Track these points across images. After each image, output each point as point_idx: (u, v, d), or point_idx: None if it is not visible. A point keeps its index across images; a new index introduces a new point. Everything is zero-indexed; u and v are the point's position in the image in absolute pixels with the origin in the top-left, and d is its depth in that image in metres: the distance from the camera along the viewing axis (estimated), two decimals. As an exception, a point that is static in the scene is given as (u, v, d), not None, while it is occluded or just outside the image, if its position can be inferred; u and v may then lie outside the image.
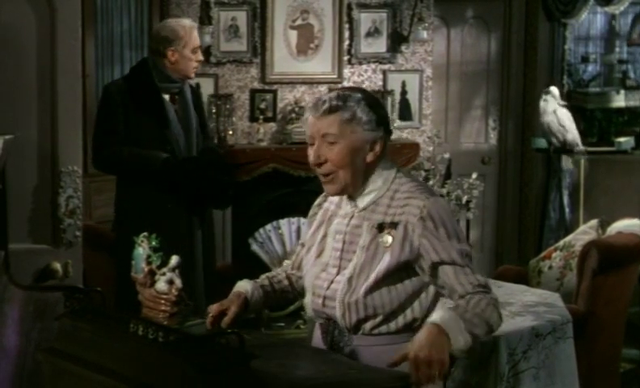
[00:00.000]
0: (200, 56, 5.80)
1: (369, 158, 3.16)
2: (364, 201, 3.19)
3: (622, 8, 8.67)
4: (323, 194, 3.39)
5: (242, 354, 2.40)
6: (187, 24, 5.74)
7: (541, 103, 8.20)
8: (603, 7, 8.84)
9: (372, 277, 3.06)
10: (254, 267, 6.98)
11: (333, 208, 3.32)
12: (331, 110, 3.12)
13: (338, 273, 3.17)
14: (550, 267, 5.96)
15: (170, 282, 3.12)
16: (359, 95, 3.17)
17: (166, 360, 2.38)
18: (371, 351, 3.01)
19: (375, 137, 3.15)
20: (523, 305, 4.95)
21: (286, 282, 3.46)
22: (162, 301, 3.14)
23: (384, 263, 3.07)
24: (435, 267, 3.04)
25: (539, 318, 4.75)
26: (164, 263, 3.14)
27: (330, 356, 2.75)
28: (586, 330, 5.37)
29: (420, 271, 3.08)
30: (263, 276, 3.47)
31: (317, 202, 3.44)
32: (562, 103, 8.23)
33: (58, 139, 4.48)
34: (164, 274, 3.09)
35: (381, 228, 3.11)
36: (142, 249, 3.08)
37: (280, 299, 3.49)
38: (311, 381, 2.54)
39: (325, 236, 3.28)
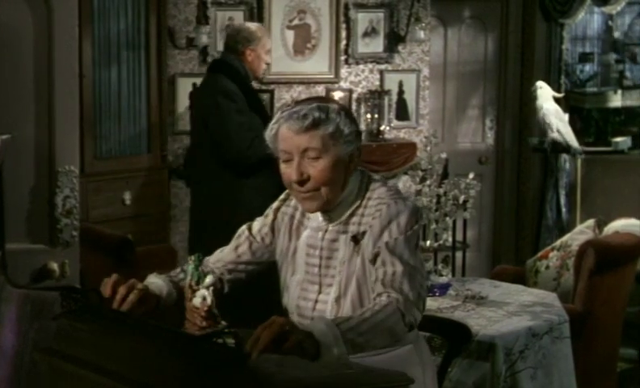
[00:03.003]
0: (269, 60, 6.24)
1: (349, 170, 3.06)
2: (337, 213, 3.08)
3: (619, 8, 8.67)
4: (281, 198, 3.29)
5: (239, 354, 2.40)
6: (262, 27, 6.34)
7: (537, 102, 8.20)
8: (600, 7, 8.85)
9: (354, 293, 2.99)
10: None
11: (298, 217, 3.22)
12: (314, 124, 2.97)
13: (320, 291, 3.08)
14: (547, 267, 5.96)
15: (204, 299, 3.13)
16: (337, 107, 3.05)
17: (164, 360, 2.38)
18: (363, 361, 2.97)
19: (354, 150, 3.05)
20: (520, 305, 4.96)
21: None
22: (196, 315, 3.16)
23: (364, 274, 2.99)
24: (376, 256, 2.94)
25: (536, 317, 4.76)
26: (200, 280, 3.15)
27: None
28: (583, 330, 5.37)
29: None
30: (178, 271, 3.25)
31: (275, 206, 3.30)
32: (557, 95, 8.21)
33: (55, 139, 4.48)
34: (199, 290, 3.11)
35: (356, 240, 3.02)
36: (190, 266, 3.11)
37: None
38: (308, 380, 2.54)
39: (295, 251, 3.18)
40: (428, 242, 4.98)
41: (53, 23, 4.45)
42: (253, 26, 6.33)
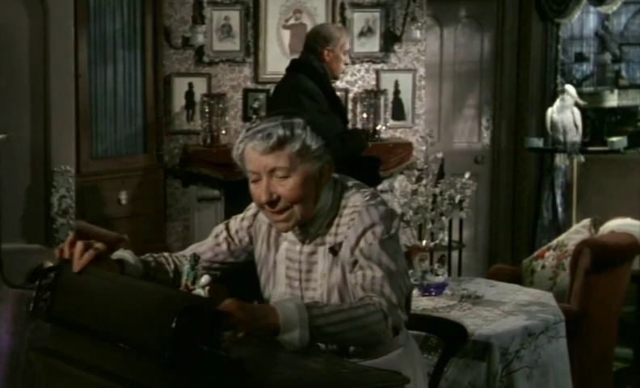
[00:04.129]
0: (347, 60, 6.45)
1: (320, 184, 2.97)
2: (314, 227, 3.01)
3: (615, 8, 8.68)
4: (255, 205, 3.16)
5: (233, 357, 2.41)
6: (342, 27, 6.58)
7: (557, 102, 8.20)
8: (596, 7, 8.86)
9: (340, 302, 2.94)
10: (246, 265, 6.99)
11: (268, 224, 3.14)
12: (279, 143, 2.87)
13: None
14: (543, 267, 5.96)
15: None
16: (301, 120, 2.94)
17: (158, 361, 2.38)
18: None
19: (323, 163, 2.96)
20: (516, 305, 4.96)
21: (171, 274, 3.19)
22: None
23: (345, 285, 2.95)
24: (354, 264, 2.90)
25: (532, 317, 4.75)
26: (196, 280, 3.14)
27: (322, 356, 2.75)
28: (579, 329, 5.37)
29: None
30: (147, 255, 3.18)
31: (252, 212, 3.22)
32: (580, 102, 8.23)
33: (51, 139, 4.49)
34: (194, 290, 3.10)
35: (334, 251, 2.97)
36: (186, 266, 3.09)
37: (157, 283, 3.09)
38: (303, 380, 2.54)
39: (275, 264, 3.12)
40: (424, 242, 4.98)
41: (49, 23, 4.46)
42: (332, 26, 6.61)
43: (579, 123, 8.15)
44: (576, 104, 8.14)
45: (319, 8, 8.07)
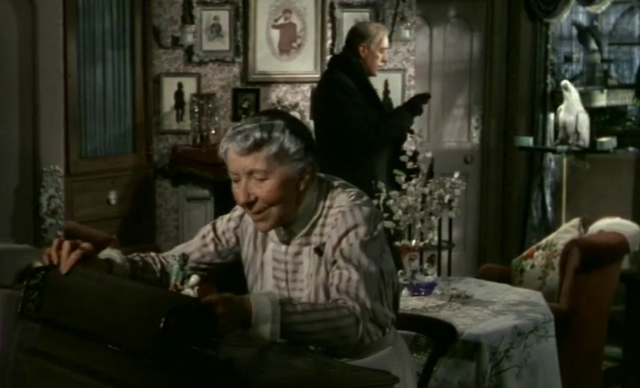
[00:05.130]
0: (385, 58, 6.60)
1: (301, 186, 2.95)
2: (298, 227, 3.01)
3: (604, 8, 8.69)
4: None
5: (223, 357, 2.41)
6: (379, 26, 6.80)
7: (564, 103, 8.22)
8: (585, 7, 8.87)
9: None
10: (235, 265, 6.98)
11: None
12: (256, 145, 2.86)
13: None
14: (532, 266, 5.97)
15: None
16: (281, 122, 2.91)
17: (149, 361, 2.38)
18: None
19: (304, 166, 2.94)
20: (505, 304, 4.96)
21: (158, 274, 3.18)
22: None
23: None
24: (333, 263, 2.91)
25: (521, 316, 4.76)
26: (186, 280, 3.13)
27: (311, 356, 2.75)
28: (568, 328, 5.38)
29: None
30: (134, 255, 3.17)
31: (238, 213, 3.21)
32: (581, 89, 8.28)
33: (40, 138, 4.48)
34: (183, 290, 3.09)
35: (319, 251, 2.97)
36: (175, 266, 3.09)
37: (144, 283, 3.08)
38: (293, 380, 2.54)
39: (262, 264, 3.12)
40: (414, 242, 4.98)
41: (38, 23, 4.45)
42: (370, 24, 6.92)
43: (581, 129, 8.14)
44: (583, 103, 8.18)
45: (309, 8, 8.07)
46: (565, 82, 8.34)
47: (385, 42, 6.59)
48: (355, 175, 5.25)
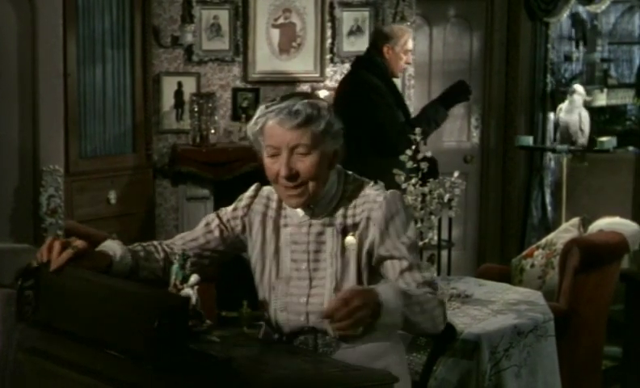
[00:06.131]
0: (410, 60, 6.64)
1: (331, 166, 3.10)
2: (321, 207, 3.11)
3: (604, 7, 8.69)
4: (249, 195, 3.26)
5: (223, 357, 2.41)
6: (405, 27, 6.82)
7: (566, 103, 8.22)
8: (584, 6, 8.87)
9: (353, 282, 3.02)
10: (236, 265, 6.99)
11: (272, 215, 3.21)
12: (306, 121, 2.98)
13: (311, 286, 3.09)
14: (532, 266, 5.97)
15: (187, 298, 3.12)
16: (326, 104, 3.08)
17: (149, 361, 2.38)
18: (354, 351, 2.98)
19: (338, 147, 3.09)
20: (505, 304, 4.96)
21: (161, 262, 3.20)
22: None
23: (354, 265, 3.05)
24: (381, 260, 3.03)
25: (521, 316, 4.76)
26: (185, 279, 3.13)
27: (311, 355, 2.75)
28: (568, 328, 5.38)
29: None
30: (136, 245, 3.21)
31: (245, 202, 3.27)
32: (587, 99, 8.27)
33: (39, 138, 4.48)
34: (183, 289, 3.09)
35: (345, 231, 3.08)
36: (175, 265, 3.09)
37: (147, 273, 3.17)
38: (293, 379, 2.54)
39: (277, 250, 3.17)
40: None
41: (37, 22, 4.45)
42: (395, 26, 6.95)
43: (585, 127, 8.15)
44: (585, 105, 8.17)
45: (308, 7, 8.07)
46: (575, 86, 8.33)
47: (410, 44, 6.60)
48: (382, 174, 5.31)
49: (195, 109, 7.73)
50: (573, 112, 8.16)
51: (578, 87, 8.27)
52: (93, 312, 2.59)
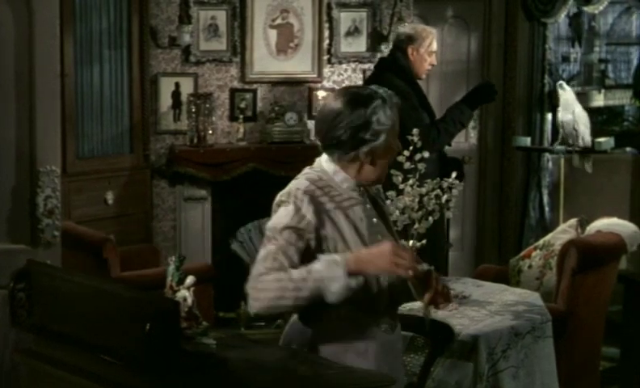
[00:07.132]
0: (434, 61, 6.56)
1: None
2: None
3: (601, 8, 8.69)
4: (305, 190, 3.24)
5: (220, 357, 2.40)
6: (429, 29, 6.68)
7: (560, 103, 8.23)
8: (582, 7, 8.87)
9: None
10: (233, 266, 6.99)
11: (329, 202, 3.28)
12: None
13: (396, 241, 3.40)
14: (530, 267, 5.97)
15: (184, 299, 3.12)
16: None
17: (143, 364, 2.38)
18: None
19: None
20: (502, 305, 4.96)
21: None
22: None
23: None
24: None
25: (518, 317, 4.76)
26: (181, 281, 3.13)
27: (307, 357, 2.74)
28: (566, 329, 5.38)
29: None
30: None
31: (307, 199, 3.24)
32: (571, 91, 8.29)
33: (36, 138, 4.46)
34: (179, 291, 3.09)
35: (378, 200, 3.52)
36: (171, 266, 3.09)
37: None
38: (289, 381, 2.53)
39: (355, 229, 3.31)
40: (411, 242, 4.97)
41: (34, 23, 4.43)
42: (420, 27, 6.77)
43: (579, 126, 8.13)
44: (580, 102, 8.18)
45: (306, 8, 8.06)
46: (560, 82, 8.34)
47: (434, 45, 6.55)
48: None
49: (193, 110, 7.72)
50: (568, 111, 8.15)
51: (563, 84, 8.27)
52: (86, 315, 2.59)
